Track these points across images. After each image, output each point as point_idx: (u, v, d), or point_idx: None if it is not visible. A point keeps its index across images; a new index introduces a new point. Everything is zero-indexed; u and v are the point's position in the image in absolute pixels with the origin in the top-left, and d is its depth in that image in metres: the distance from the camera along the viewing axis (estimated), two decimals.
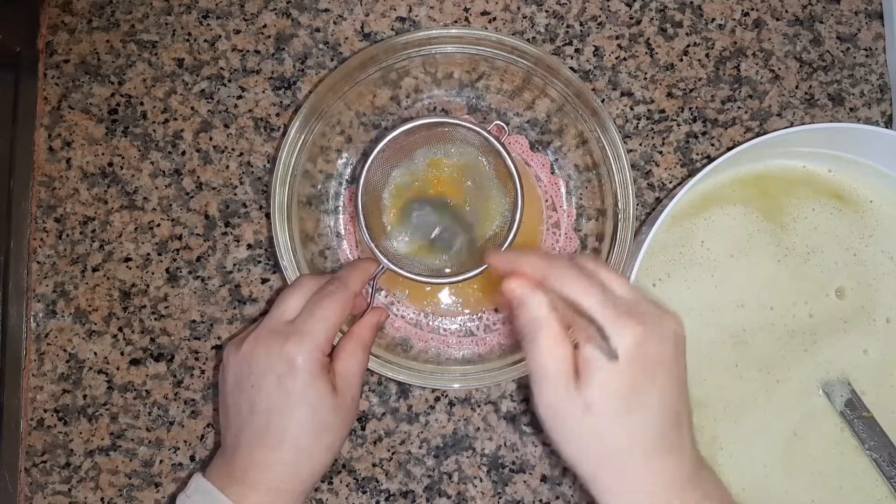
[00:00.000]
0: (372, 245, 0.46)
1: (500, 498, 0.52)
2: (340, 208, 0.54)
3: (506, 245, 0.46)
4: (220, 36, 0.55)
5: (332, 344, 0.43)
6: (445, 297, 0.53)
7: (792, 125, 0.54)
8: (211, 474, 0.41)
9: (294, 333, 0.41)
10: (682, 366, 0.36)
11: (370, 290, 0.47)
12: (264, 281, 0.54)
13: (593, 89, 0.55)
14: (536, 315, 0.35)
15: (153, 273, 0.54)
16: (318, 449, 0.41)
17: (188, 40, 0.55)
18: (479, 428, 0.53)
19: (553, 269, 0.36)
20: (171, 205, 0.54)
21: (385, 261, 0.46)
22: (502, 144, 0.46)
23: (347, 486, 0.52)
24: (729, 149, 0.48)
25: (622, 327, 0.34)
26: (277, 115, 0.55)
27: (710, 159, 0.55)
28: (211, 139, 0.55)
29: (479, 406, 0.53)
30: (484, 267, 0.46)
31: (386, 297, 0.53)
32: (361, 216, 0.46)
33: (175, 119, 0.55)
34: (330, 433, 0.41)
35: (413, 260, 0.50)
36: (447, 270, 0.50)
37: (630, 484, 0.34)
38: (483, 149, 0.49)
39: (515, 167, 0.46)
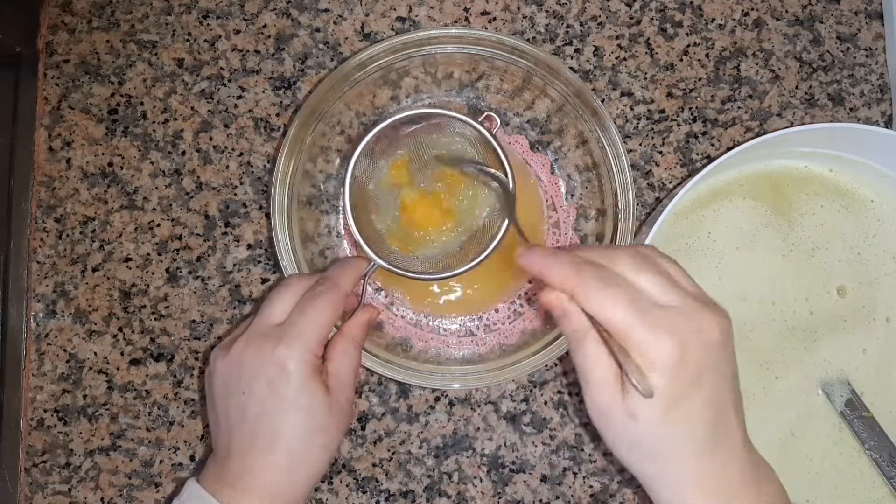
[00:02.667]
0: (362, 241, 0.45)
1: (500, 498, 0.52)
2: (340, 208, 0.54)
3: (499, 235, 0.45)
4: (220, 36, 0.55)
5: (324, 344, 0.42)
6: (445, 297, 0.53)
7: (792, 125, 0.54)
8: (204, 480, 0.41)
9: (284, 336, 0.40)
10: (729, 364, 0.36)
11: (362, 288, 0.46)
12: (264, 281, 0.54)
13: (593, 89, 0.55)
14: (578, 326, 0.35)
15: (153, 273, 0.54)
16: (313, 452, 0.40)
17: (188, 40, 0.55)
18: (479, 428, 0.53)
19: (579, 284, 0.34)
20: (171, 205, 0.54)
21: (376, 258, 0.45)
22: (493, 136, 0.46)
23: (347, 486, 0.52)
24: (729, 149, 0.48)
25: (656, 343, 0.33)
26: (277, 115, 0.55)
27: (710, 159, 0.55)
28: (211, 139, 0.55)
29: (479, 406, 0.53)
30: (476, 262, 0.44)
31: (386, 297, 0.53)
32: (349, 212, 0.45)
33: (175, 119, 0.55)
34: (324, 435, 0.40)
35: (406, 257, 0.49)
36: (437, 256, 0.48)
37: (679, 486, 0.35)
38: (474, 141, 0.49)
39: (507, 158, 0.45)
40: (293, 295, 0.42)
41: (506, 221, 0.45)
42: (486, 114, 0.52)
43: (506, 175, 0.45)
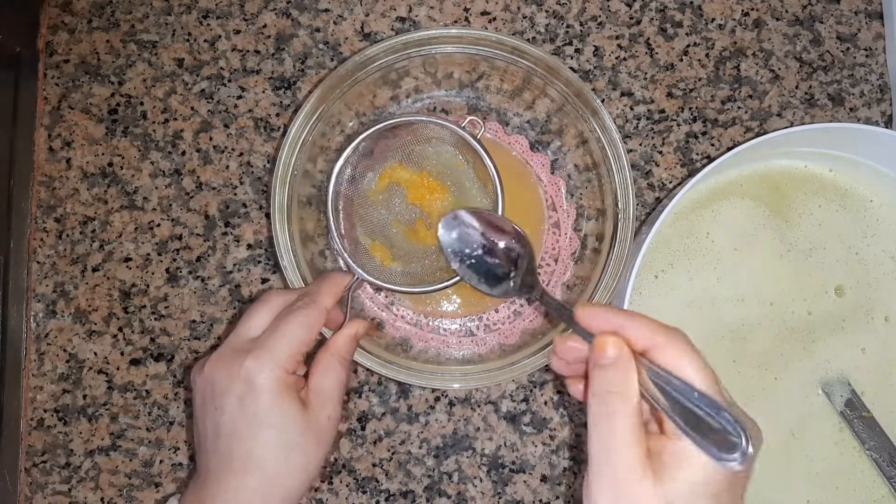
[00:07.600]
0: (345, 254, 0.45)
1: (500, 498, 0.52)
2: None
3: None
4: (220, 36, 0.55)
5: (299, 361, 0.40)
6: (446, 297, 0.53)
7: (792, 125, 0.54)
8: (185, 500, 0.40)
9: (253, 351, 0.39)
10: None
11: (347, 301, 0.45)
12: (264, 281, 0.54)
13: (593, 89, 0.55)
14: (627, 385, 0.32)
15: (153, 273, 0.54)
16: (288, 472, 0.38)
17: (188, 40, 0.55)
18: (479, 428, 0.53)
19: (671, 340, 0.32)
20: (171, 205, 0.54)
21: (359, 271, 0.44)
22: (478, 141, 0.46)
23: (347, 486, 0.52)
24: (729, 149, 0.48)
25: (749, 429, 0.30)
26: (277, 115, 0.55)
27: (710, 159, 0.55)
28: (211, 139, 0.55)
29: (479, 406, 0.53)
30: (457, 279, 0.44)
31: (385, 297, 0.53)
32: (332, 225, 0.44)
33: (175, 119, 0.55)
34: (301, 454, 0.39)
35: (391, 270, 0.49)
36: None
37: None
38: (460, 148, 0.48)
39: (493, 163, 0.45)
40: (270, 310, 0.41)
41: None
42: (469, 118, 0.51)
43: (493, 186, 0.45)
